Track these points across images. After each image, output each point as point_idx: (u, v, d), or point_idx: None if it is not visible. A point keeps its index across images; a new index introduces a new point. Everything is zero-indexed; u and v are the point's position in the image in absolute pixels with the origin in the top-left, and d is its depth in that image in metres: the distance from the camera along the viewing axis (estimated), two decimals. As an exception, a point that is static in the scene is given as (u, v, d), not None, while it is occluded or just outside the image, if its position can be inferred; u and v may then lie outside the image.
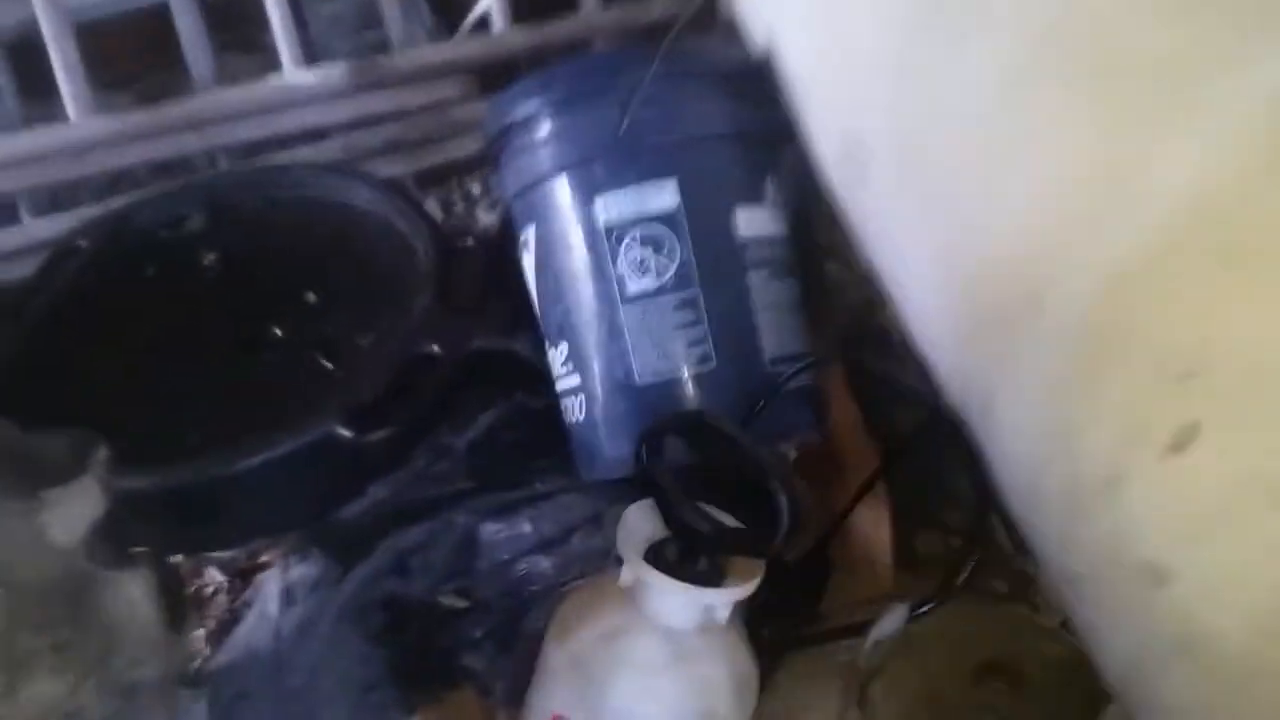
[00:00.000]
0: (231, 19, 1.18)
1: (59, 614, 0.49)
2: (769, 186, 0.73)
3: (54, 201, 1.09)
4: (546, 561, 0.77)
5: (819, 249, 0.82)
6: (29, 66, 1.11)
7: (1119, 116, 0.42)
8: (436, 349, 0.78)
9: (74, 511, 0.51)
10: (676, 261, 0.68)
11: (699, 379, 0.69)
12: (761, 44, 0.72)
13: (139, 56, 1.21)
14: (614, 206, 0.69)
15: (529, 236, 0.75)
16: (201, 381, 0.82)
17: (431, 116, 1.12)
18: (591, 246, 0.70)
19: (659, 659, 0.57)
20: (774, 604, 0.69)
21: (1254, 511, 0.34)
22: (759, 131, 0.71)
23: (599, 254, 0.70)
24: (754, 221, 0.71)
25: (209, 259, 0.91)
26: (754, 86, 0.70)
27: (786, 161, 0.73)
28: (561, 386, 0.75)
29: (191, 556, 0.80)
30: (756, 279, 0.71)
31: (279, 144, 1.09)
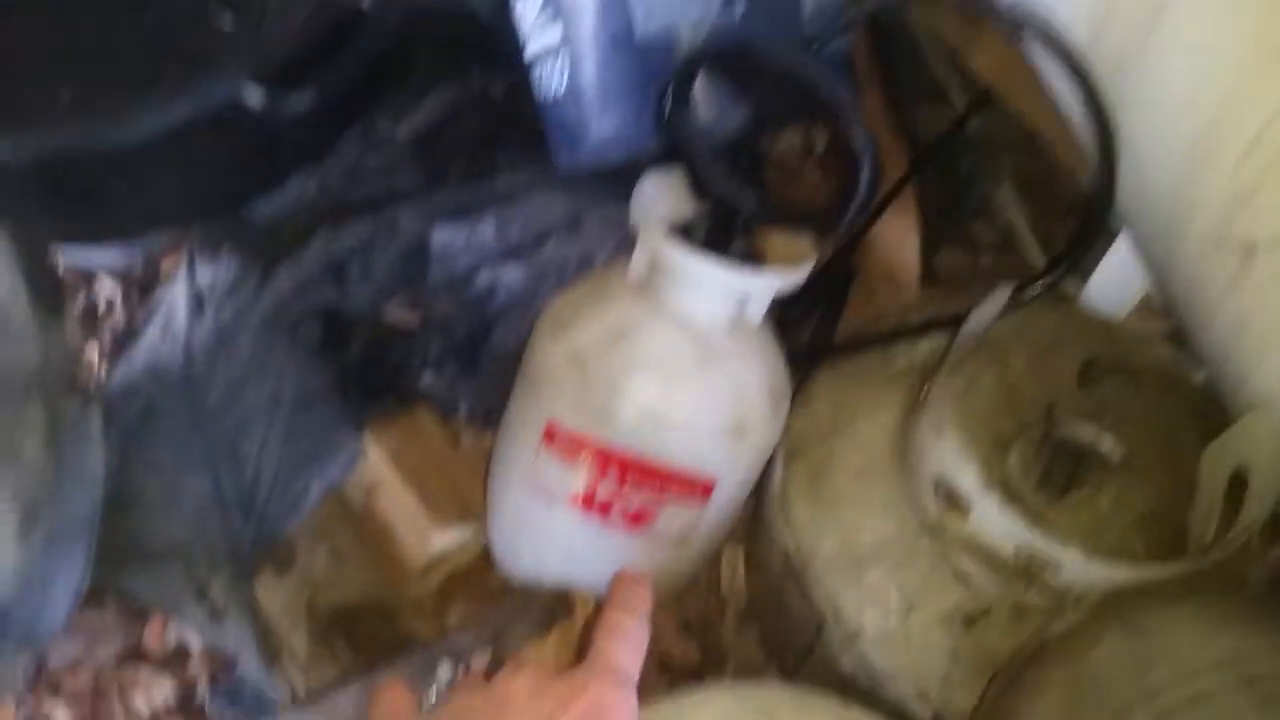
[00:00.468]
0: None
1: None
2: None
3: None
4: (514, 271, 0.65)
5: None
6: None
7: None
8: (364, 2, 0.61)
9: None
10: None
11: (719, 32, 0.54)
12: None
13: None
14: None
15: None
16: (74, 40, 0.64)
17: None
18: None
19: (681, 360, 0.46)
20: (793, 317, 0.58)
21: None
22: None
23: None
24: None
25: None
26: None
27: None
28: (535, 47, 0.60)
29: (76, 246, 0.65)
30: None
31: None
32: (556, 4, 0.57)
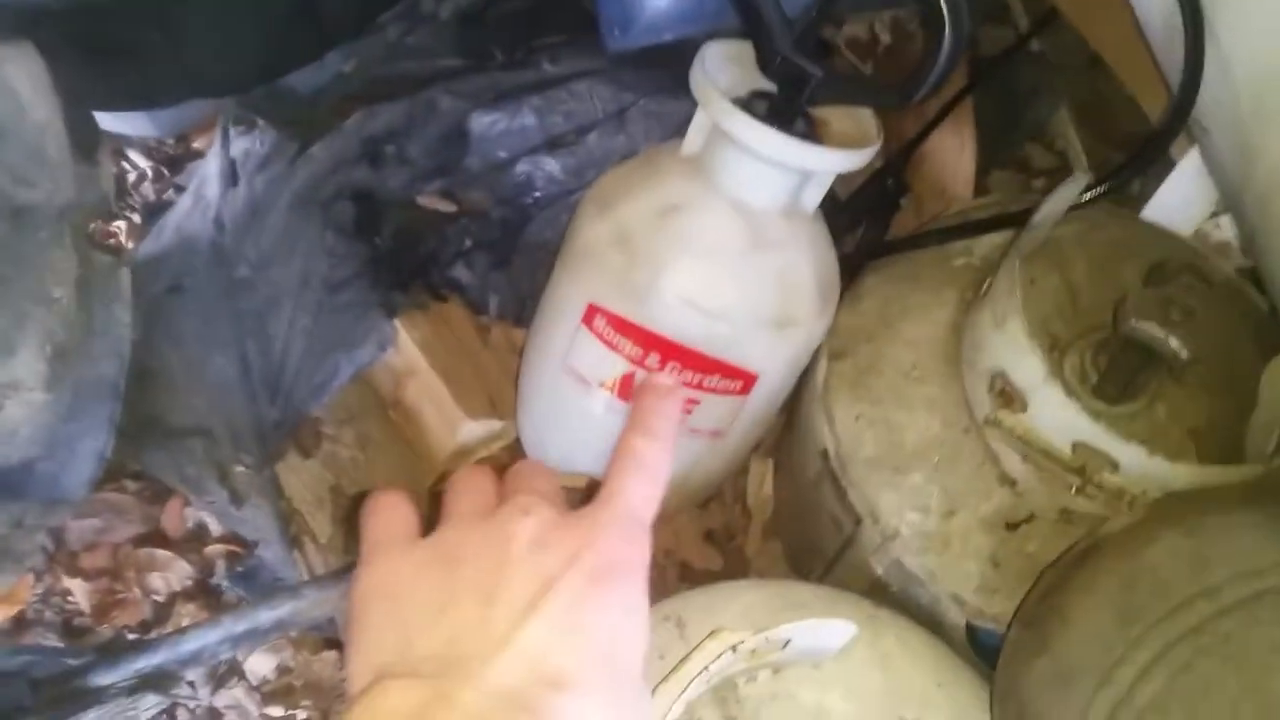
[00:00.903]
0: None
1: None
2: None
3: None
4: (554, 163, 0.63)
5: None
6: None
7: None
8: None
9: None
10: None
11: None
12: None
13: None
14: None
15: None
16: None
17: None
18: None
19: (731, 243, 0.44)
20: (840, 226, 0.56)
21: None
22: None
23: None
24: None
25: None
26: None
27: None
28: (591, -79, 0.57)
29: (111, 111, 0.63)
30: None
31: None
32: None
